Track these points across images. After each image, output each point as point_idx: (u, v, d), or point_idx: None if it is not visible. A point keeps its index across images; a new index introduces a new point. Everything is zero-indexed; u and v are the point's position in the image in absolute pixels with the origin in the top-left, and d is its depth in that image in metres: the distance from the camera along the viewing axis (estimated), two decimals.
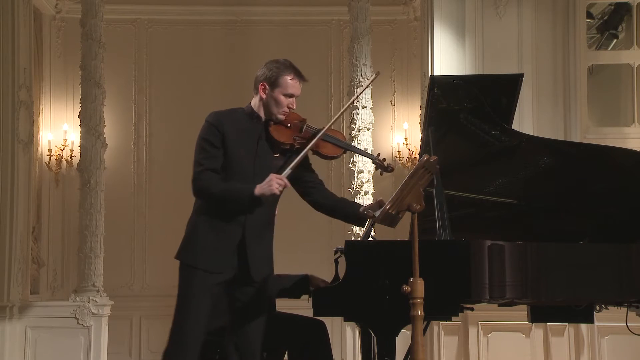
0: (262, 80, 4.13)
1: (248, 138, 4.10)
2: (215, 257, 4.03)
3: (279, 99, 4.11)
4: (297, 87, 4.15)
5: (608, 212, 5.10)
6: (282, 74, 4.11)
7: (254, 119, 4.15)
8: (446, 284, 4.27)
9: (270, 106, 4.12)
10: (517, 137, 5.00)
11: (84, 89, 7.74)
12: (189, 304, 4.01)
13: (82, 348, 7.46)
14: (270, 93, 4.11)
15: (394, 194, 3.87)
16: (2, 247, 7.43)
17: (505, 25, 7.49)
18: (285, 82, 4.11)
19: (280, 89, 4.10)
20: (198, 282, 4.01)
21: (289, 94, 4.12)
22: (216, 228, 4.04)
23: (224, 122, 4.09)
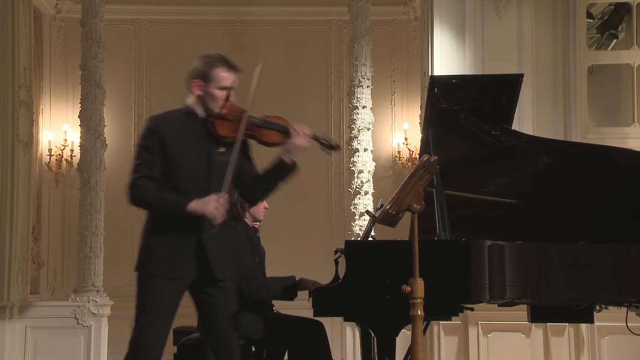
0: (194, 77, 4.01)
1: (191, 138, 3.98)
2: (172, 262, 3.90)
3: (214, 94, 3.97)
4: (230, 78, 4.00)
5: (608, 212, 5.10)
6: (214, 67, 3.97)
7: (193, 117, 4.02)
8: (446, 284, 4.27)
9: (207, 102, 3.99)
10: (517, 137, 5.01)
11: (84, 89, 7.73)
12: (150, 313, 3.89)
13: (82, 348, 7.46)
14: (205, 89, 3.98)
15: (394, 194, 3.87)
16: (2, 247, 7.42)
17: (505, 25, 7.49)
18: (217, 76, 3.97)
19: (214, 83, 3.96)
20: (157, 290, 3.89)
21: (223, 86, 3.98)
22: (169, 233, 3.92)
23: (163, 125, 3.98)
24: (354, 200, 7.56)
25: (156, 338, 3.90)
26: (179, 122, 4.01)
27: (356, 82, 7.65)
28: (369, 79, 7.68)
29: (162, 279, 3.90)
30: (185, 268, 3.92)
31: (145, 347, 3.89)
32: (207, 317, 4.02)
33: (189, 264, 3.93)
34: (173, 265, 3.90)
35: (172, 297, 3.93)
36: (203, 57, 4.04)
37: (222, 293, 4.00)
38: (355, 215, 7.52)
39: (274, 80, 9.43)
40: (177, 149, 3.94)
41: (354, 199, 7.56)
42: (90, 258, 7.56)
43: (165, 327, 3.93)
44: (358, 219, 7.48)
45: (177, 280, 3.91)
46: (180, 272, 3.92)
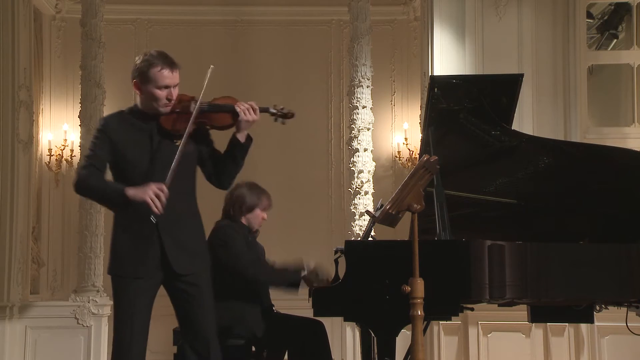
0: (133, 77, 3.95)
1: (140, 137, 3.93)
2: (137, 262, 3.90)
3: (154, 94, 3.89)
4: (169, 76, 3.90)
5: (608, 212, 5.10)
6: (151, 67, 3.88)
7: (141, 115, 3.97)
8: (446, 284, 4.28)
9: (149, 102, 3.93)
10: (517, 137, 5.01)
11: (84, 89, 7.73)
12: (123, 312, 3.92)
13: (82, 348, 7.45)
14: (145, 89, 3.90)
15: (394, 194, 3.87)
16: (2, 247, 7.42)
17: (505, 25, 7.49)
18: (155, 75, 3.87)
19: (152, 82, 3.88)
20: (127, 290, 3.90)
21: (162, 85, 3.90)
22: (130, 232, 3.92)
23: (111, 127, 3.94)
24: (354, 200, 7.55)
25: (134, 337, 3.90)
26: (128, 123, 3.98)
27: (356, 82, 7.65)
28: (369, 79, 7.68)
29: (129, 279, 3.90)
30: (149, 266, 3.91)
31: (125, 346, 3.90)
32: (185, 316, 3.99)
33: (152, 262, 3.92)
34: (136, 265, 3.90)
35: (142, 296, 3.91)
36: (142, 56, 3.97)
37: (196, 290, 3.97)
38: (355, 215, 7.52)
39: (274, 80, 9.43)
40: (128, 150, 3.92)
41: (354, 199, 7.56)
42: (90, 258, 7.56)
43: (141, 325, 3.91)
44: (358, 219, 7.48)
45: (143, 280, 3.90)
46: (145, 271, 3.91)
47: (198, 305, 3.98)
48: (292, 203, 8.92)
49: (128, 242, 3.93)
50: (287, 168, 9.19)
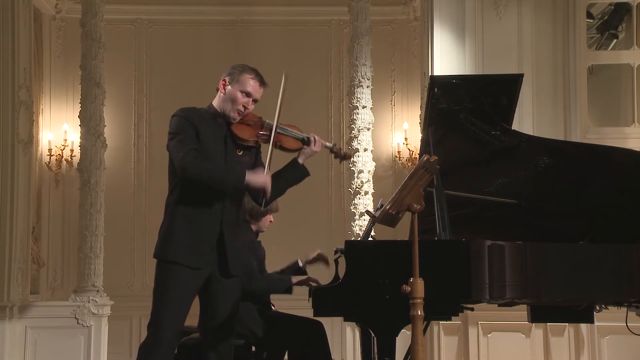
0: (224, 76, 4.14)
1: (215, 136, 4.08)
2: (195, 253, 3.99)
3: (236, 96, 4.09)
4: (256, 88, 4.14)
5: (608, 212, 5.10)
6: (244, 72, 4.13)
7: (218, 117, 4.13)
8: (446, 284, 4.27)
9: (226, 103, 4.11)
10: (517, 137, 5.00)
11: (84, 89, 7.74)
12: (169, 298, 3.96)
13: (82, 348, 7.46)
14: (229, 88, 4.10)
15: (394, 194, 3.87)
16: (2, 247, 7.42)
17: (505, 25, 7.49)
18: (244, 80, 4.11)
19: (239, 85, 4.09)
20: (178, 277, 3.97)
21: (246, 92, 4.10)
22: (193, 224, 4.00)
23: (195, 117, 4.07)
24: (354, 200, 7.56)
25: (173, 322, 3.97)
26: (206, 120, 4.10)
27: (356, 82, 7.65)
28: (369, 79, 7.68)
29: (183, 267, 3.97)
30: (206, 259, 4.02)
31: (163, 330, 3.95)
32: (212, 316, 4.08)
33: (210, 255, 4.03)
34: (195, 255, 3.99)
35: (191, 286, 4.00)
36: (239, 64, 4.20)
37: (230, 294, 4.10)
38: (355, 215, 7.52)
39: (274, 80, 9.41)
40: (206, 143, 4.03)
41: (354, 199, 7.56)
42: (90, 258, 7.56)
43: (182, 313, 4.00)
44: (358, 219, 7.49)
45: (197, 270, 3.99)
46: (201, 263, 4.00)
47: (225, 309, 4.10)
48: (292, 203, 8.90)
49: (191, 234, 4.00)
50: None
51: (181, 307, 3.99)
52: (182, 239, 3.99)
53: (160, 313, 3.97)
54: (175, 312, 3.97)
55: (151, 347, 3.97)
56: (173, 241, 4.01)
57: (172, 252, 4.00)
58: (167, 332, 3.95)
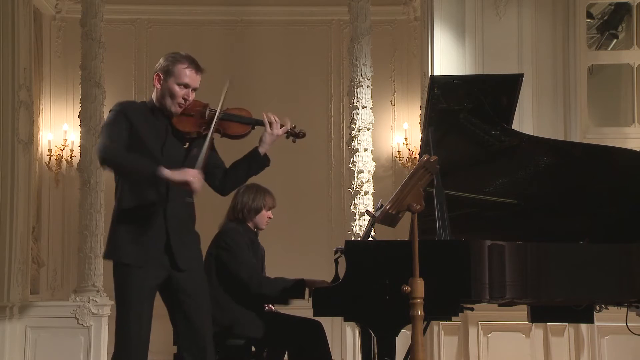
0: (157, 71, 3.99)
1: (153, 132, 3.96)
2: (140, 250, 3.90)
3: (173, 89, 3.93)
4: (193, 77, 3.96)
5: (608, 212, 5.10)
6: (177, 63, 3.95)
7: (155, 112, 4.00)
8: (446, 284, 4.27)
9: (165, 97, 3.96)
10: (517, 137, 5.01)
11: (84, 89, 7.74)
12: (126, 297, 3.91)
13: (82, 348, 7.46)
14: (165, 83, 3.95)
15: (394, 194, 3.87)
16: (2, 247, 7.42)
17: (505, 25, 7.49)
18: (179, 71, 3.93)
19: (174, 78, 3.93)
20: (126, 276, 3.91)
21: (183, 83, 3.94)
22: (136, 219, 3.92)
23: (131, 111, 3.96)
24: (354, 200, 7.55)
25: (138, 326, 3.90)
26: (144, 114, 3.99)
27: (356, 82, 7.65)
28: (369, 79, 7.68)
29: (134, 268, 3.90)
30: (150, 256, 3.91)
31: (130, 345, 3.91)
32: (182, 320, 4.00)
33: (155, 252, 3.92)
34: (138, 253, 3.90)
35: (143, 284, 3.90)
36: (170, 54, 4.03)
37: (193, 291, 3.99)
38: (355, 215, 7.52)
39: (274, 80, 9.43)
40: (143, 138, 3.92)
41: (354, 199, 7.56)
42: (90, 258, 7.56)
43: (145, 314, 3.92)
44: (358, 219, 7.48)
45: (143, 268, 3.89)
46: (145, 260, 3.90)
47: (195, 309, 4.00)
48: (292, 203, 8.93)
49: (135, 231, 3.92)
50: (287, 168, 9.17)
51: (145, 311, 3.91)
52: (123, 238, 3.91)
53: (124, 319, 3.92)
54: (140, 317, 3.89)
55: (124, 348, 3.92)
56: (115, 241, 3.94)
57: (116, 252, 3.93)
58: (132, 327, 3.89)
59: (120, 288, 3.96)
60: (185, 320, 4.00)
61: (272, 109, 4.28)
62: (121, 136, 3.89)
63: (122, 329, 3.93)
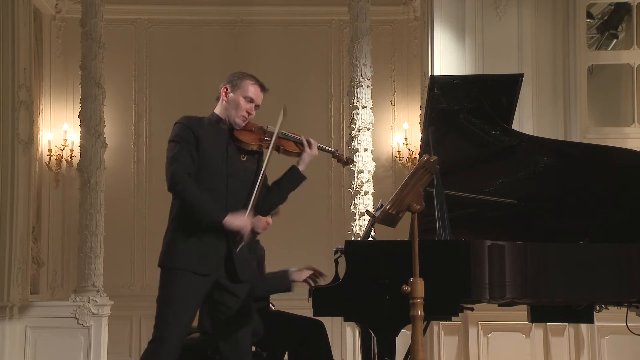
0: (225, 84, 4.25)
1: (218, 143, 4.16)
2: (202, 259, 4.02)
3: (238, 102, 4.20)
4: (257, 93, 4.25)
5: (608, 212, 5.10)
6: (244, 78, 4.25)
7: (221, 124, 4.21)
8: (446, 284, 4.27)
9: (230, 109, 4.21)
10: (517, 137, 5.00)
11: (84, 89, 7.73)
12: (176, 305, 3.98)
13: (82, 348, 7.46)
14: (232, 95, 4.21)
15: (394, 194, 3.87)
16: (2, 247, 7.42)
17: (505, 25, 7.49)
18: (245, 86, 4.22)
19: (241, 91, 4.21)
20: (185, 284, 4.00)
21: (248, 97, 4.21)
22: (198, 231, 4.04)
23: (197, 126, 4.14)
24: (354, 200, 7.56)
25: (178, 332, 3.98)
26: (209, 127, 4.17)
27: (356, 82, 7.65)
28: (369, 79, 7.68)
29: (190, 274, 3.99)
30: (213, 265, 4.04)
31: (167, 341, 3.95)
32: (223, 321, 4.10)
33: (216, 262, 4.05)
34: (202, 261, 4.01)
35: (197, 293, 4.02)
36: (237, 72, 4.32)
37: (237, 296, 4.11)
38: (355, 215, 7.52)
39: (274, 80, 9.41)
40: (208, 150, 4.10)
41: (354, 199, 7.56)
42: (90, 258, 7.56)
43: (188, 322, 4.02)
44: (358, 219, 7.48)
45: (204, 277, 4.02)
46: (209, 269, 4.03)
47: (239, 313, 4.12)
48: (292, 203, 8.89)
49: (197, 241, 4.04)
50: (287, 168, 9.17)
51: (187, 315, 4.01)
52: (188, 246, 4.02)
53: (167, 321, 3.98)
54: (181, 320, 3.98)
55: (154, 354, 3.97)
56: (179, 248, 4.03)
57: (178, 259, 4.02)
58: (172, 340, 3.96)
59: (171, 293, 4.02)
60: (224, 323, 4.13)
61: (271, 109, 4.36)
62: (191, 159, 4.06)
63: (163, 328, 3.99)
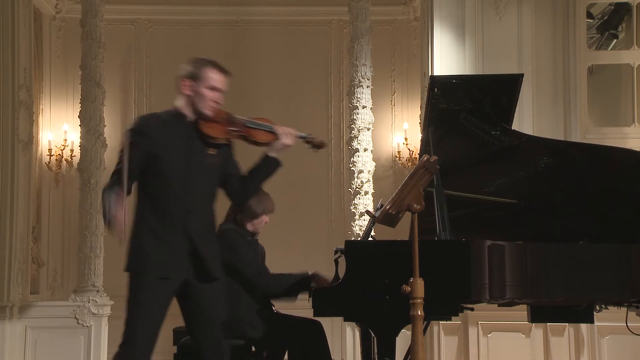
0: (185, 77, 4.04)
1: (177, 140, 3.99)
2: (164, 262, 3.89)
3: (203, 94, 3.99)
4: (220, 80, 4.03)
5: (608, 212, 5.10)
6: (204, 66, 4.03)
7: (180, 119, 4.04)
8: (446, 284, 4.28)
9: (196, 102, 4.01)
10: (517, 137, 5.01)
11: (84, 89, 7.74)
12: (141, 312, 3.87)
13: (82, 348, 7.46)
14: (195, 88, 4.00)
15: (394, 194, 3.87)
16: (2, 247, 7.42)
17: (505, 25, 7.49)
18: (207, 76, 4.00)
19: (203, 82, 4.00)
20: (149, 289, 3.87)
21: (212, 86, 4.01)
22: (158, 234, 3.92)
23: (150, 124, 3.99)
24: (354, 200, 7.56)
25: (148, 339, 3.88)
26: (166, 124, 4.01)
27: (356, 82, 7.65)
28: (369, 79, 7.68)
29: (153, 278, 3.88)
30: (178, 267, 3.92)
31: (136, 348, 3.86)
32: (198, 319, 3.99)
33: (182, 263, 3.93)
34: (164, 264, 3.89)
35: (163, 296, 3.91)
36: (194, 59, 4.09)
37: (212, 294, 4.00)
38: (355, 215, 7.52)
39: (274, 80, 9.43)
40: (165, 150, 3.94)
41: (354, 199, 7.56)
42: (90, 258, 7.56)
43: (157, 327, 3.91)
44: (358, 219, 7.49)
45: (168, 280, 3.89)
46: (172, 272, 3.91)
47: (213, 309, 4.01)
48: (292, 203, 8.93)
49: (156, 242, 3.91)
50: (287, 168, 9.14)
51: (154, 318, 3.89)
52: (150, 250, 3.90)
53: (134, 325, 3.87)
54: (149, 323, 3.87)
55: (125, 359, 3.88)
56: (141, 253, 3.92)
57: (141, 264, 3.91)
58: (141, 343, 3.85)
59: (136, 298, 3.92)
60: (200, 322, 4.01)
61: (271, 109, 4.32)
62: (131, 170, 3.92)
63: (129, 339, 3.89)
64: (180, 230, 3.93)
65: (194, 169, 3.97)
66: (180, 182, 3.95)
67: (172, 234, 3.93)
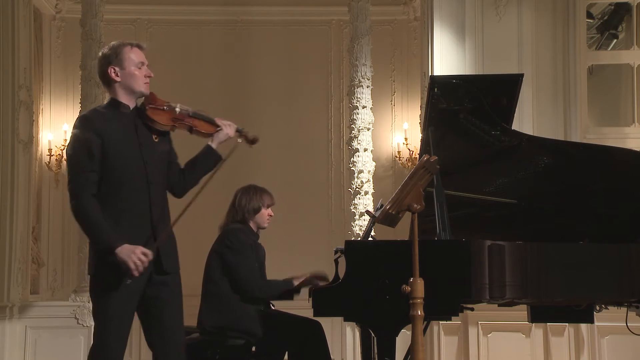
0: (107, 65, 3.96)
1: (124, 129, 3.88)
2: None
3: (133, 73, 3.92)
4: (140, 54, 3.97)
5: (608, 212, 5.10)
6: (121, 49, 3.98)
7: (122, 108, 3.93)
8: (446, 284, 4.27)
9: (130, 85, 3.92)
10: (517, 137, 5.00)
11: (84, 89, 7.73)
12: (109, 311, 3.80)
13: (82, 348, 7.45)
14: (121, 72, 3.92)
15: (394, 194, 3.87)
16: (2, 247, 7.42)
17: (505, 25, 7.49)
18: (127, 55, 3.95)
19: (127, 62, 3.93)
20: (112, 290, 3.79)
21: (137, 62, 3.94)
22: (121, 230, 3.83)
23: (95, 121, 3.86)
24: (354, 200, 7.56)
25: (117, 335, 3.82)
26: (109, 116, 3.91)
27: (356, 82, 7.65)
28: (369, 79, 7.68)
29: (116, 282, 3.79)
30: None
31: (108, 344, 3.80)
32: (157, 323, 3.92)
33: None
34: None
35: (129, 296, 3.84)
36: (107, 48, 4.06)
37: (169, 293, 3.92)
38: (355, 215, 7.52)
39: (274, 80, 9.43)
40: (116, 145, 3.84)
41: (354, 199, 7.56)
42: None
43: (126, 324, 3.85)
44: (358, 219, 7.49)
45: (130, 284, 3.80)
46: None
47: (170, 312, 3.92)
48: (292, 203, 8.92)
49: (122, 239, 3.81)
50: (287, 168, 9.19)
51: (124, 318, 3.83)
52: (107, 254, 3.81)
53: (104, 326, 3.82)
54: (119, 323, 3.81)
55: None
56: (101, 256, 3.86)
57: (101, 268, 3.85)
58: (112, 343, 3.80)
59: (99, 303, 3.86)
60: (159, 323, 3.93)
61: (271, 109, 4.30)
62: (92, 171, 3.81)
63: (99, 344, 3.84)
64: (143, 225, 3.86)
65: (147, 157, 3.88)
66: (139, 172, 3.86)
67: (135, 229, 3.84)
